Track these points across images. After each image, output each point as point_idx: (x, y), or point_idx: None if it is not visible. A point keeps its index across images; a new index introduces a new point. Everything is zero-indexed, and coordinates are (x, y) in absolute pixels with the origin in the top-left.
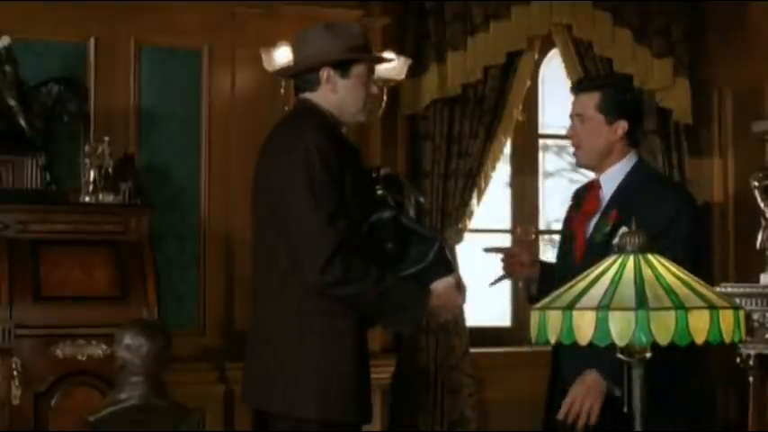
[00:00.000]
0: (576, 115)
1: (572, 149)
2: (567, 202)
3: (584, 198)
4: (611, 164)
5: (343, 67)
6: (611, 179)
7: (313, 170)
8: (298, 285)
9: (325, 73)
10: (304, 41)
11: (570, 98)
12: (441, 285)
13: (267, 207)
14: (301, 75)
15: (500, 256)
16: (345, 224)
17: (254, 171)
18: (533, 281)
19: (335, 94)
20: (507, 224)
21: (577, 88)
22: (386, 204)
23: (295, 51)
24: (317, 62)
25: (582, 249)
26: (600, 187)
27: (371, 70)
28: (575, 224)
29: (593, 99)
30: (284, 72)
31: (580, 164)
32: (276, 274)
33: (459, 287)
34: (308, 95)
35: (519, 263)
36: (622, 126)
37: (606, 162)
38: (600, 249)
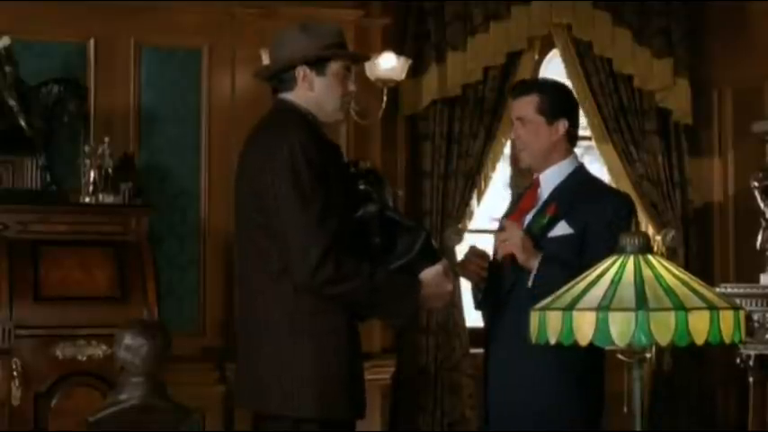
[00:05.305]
0: (517, 119)
1: (517, 151)
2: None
3: (522, 197)
4: (553, 163)
5: (319, 65)
6: (552, 179)
7: (298, 171)
8: (289, 285)
9: (301, 71)
10: (280, 42)
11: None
12: (430, 274)
13: (257, 209)
14: (278, 75)
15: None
16: (334, 222)
17: (237, 172)
18: (480, 288)
19: (312, 92)
20: None
21: (515, 93)
22: (369, 198)
23: (271, 53)
24: (293, 60)
25: None
26: (539, 186)
27: (348, 68)
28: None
29: (532, 102)
30: (262, 73)
31: (524, 165)
32: (267, 275)
33: (447, 274)
34: (285, 95)
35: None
36: (563, 124)
37: (548, 162)
38: (536, 241)
